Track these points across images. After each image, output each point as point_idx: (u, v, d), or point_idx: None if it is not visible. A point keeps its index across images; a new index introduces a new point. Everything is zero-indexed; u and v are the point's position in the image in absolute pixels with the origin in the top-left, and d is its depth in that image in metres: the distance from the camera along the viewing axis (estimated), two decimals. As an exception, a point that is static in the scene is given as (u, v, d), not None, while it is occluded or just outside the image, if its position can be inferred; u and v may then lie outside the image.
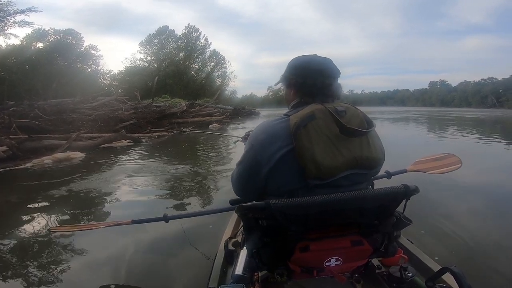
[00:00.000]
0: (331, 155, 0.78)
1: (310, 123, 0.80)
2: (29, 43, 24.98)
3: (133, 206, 3.12)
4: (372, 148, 0.84)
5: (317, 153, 0.78)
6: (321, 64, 0.92)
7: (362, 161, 0.82)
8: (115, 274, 1.77)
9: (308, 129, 0.80)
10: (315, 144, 0.78)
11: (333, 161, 0.78)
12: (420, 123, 17.34)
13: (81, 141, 6.88)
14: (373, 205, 0.80)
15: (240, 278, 0.75)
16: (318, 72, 0.90)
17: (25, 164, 5.11)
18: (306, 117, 0.81)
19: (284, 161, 0.83)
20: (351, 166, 0.81)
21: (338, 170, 0.80)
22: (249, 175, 0.93)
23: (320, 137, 0.79)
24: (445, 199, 2.92)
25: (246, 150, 0.94)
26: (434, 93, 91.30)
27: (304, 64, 0.94)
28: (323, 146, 0.79)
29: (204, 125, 13.77)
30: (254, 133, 0.93)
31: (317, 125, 0.80)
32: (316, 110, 0.83)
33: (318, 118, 0.81)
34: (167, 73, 40.39)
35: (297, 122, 0.81)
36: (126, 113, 10.64)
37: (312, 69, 0.91)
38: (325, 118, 0.82)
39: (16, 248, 2.14)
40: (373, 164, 0.85)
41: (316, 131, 0.80)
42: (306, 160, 0.78)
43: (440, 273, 0.85)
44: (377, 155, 0.85)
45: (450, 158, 1.78)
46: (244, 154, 0.95)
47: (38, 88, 15.86)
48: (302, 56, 0.97)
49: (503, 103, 61.81)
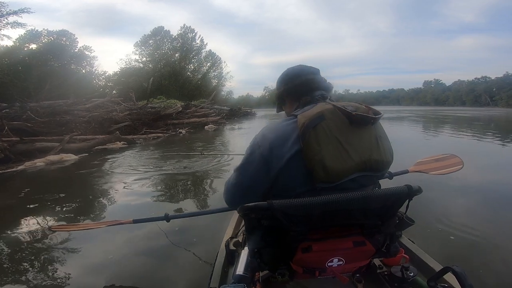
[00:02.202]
0: (340, 159, 0.77)
1: (319, 124, 0.78)
2: (22, 44, 24.68)
3: (132, 206, 3.10)
4: (381, 150, 0.83)
5: (326, 157, 0.76)
6: (297, 68, 1.03)
7: (371, 164, 0.81)
8: (116, 274, 1.77)
9: (317, 130, 0.77)
10: (324, 147, 0.76)
11: (342, 165, 0.77)
12: (416, 122, 17.48)
13: (74, 143, 6.78)
14: (376, 205, 0.79)
15: (241, 278, 0.76)
16: (301, 71, 1.00)
17: (18, 167, 5.03)
18: (315, 118, 0.79)
19: (292, 163, 0.80)
20: (360, 169, 0.79)
21: (346, 173, 0.78)
22: (253, 180, 0.88)
23: (329, 139, 0.77)
24: (446, 199, 2.92)
25: (249, 152, 0.89)
26: (428, 92, 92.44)
27: (287, 72, 1.03)
28: (332, 149, 0.77)
29: (200, 126, 13.73)
30: (261, 134, 0.89)
31: (327, 126, 0.78)
32: (325, 110, 0.81)
33: (327, 119, 0.79)
34: (163, 74, 40.20)
35: (305, 123, 0.78)
36: (120, 115, 10.55)
37: (296, 72, 1.01)
38: (335, 117, 0.80)
39: (16, 248, 2.14)
40: (381, 167, 0.84)
41: (325, 132, 0.77)
42: (314, 163, 0.76)
43: (441, 273, 0.84)
44: (386, 157, 0.84)
45: (451, 159, 1.78)
46: (247, 157, 0.90)
47: (31, 89, 15.69)
48: (284, 71, 1.07)
49: (497, 101, 62.78)
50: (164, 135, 10.25)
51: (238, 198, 0.94)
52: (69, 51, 28.11)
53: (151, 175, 4.33)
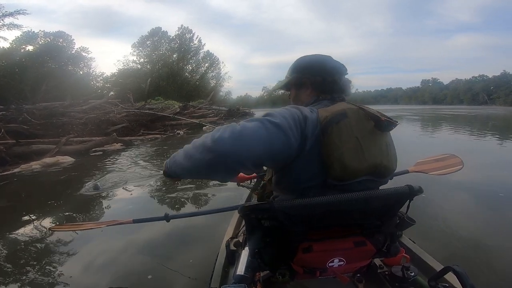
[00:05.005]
0: (356, 159, 0.76)
1: (342, 121, 0.76)
2: (18, 46, 24.61)
3: (132, 207, 3.10)
4: (389, 156, 0.83)
5: (345, 154, 0.74)
6: (333, 62, 0.95)
7: (380, 169, 0.80)
8: (115, 274, 1.78)
9: (340, 126, 0.76)
10: (345, 144, 0.75)
11: (357, 165, 0.76)
12: (415, 121, 17.52)
13: (71, 145, 6.74)
14: (377, 205, 0.79)
15: (241, 278, 0.75)
16: (334, 69, 0.93)
17: (13, 169, 5.00)
18: (339, 114, 0.77)
19: (310, 154, 0.75)
20: (369, 172, 0.79)
21: (359, 174, 0.77)
22: (271, 139, 0.68)
23: (350, 138, 0.76)
24: (445, 198, 2.93)
25: (284, 111, 0.74)
26: (426, 91, 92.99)
27: (319, 63, 0.95)
28: (351, 148, 0.75)
29: (198, 127, 13.70)
30: (283, 108, 0.77)
31: (349, 124, 0.77)
32: (348, 109, 0.79)
33: (350, 117, 0.78)
34: (161, 75, 40.23)
35: (328, 117, 0.76)
36: (118, 116, 10.52)
37: (329, 67, 0.93)
38: (356, 118, 0.79)
39: (15, 249, 2.14)
40: (387, 174, 0.84)
41: (347, 130, 0.76)
42: (333, 159, 0.74)
43: (442, 273, 0.84)
44: (392, 165, 0.84)
45: (451, 159, 1.78)
46: (280, 111, 0.74)
47: (27, 91, 15.62)
48: (309, 56, 0.98)
49: (494, 100, 63.20)
50: (161, 136, 10.23)
51: (230, 146, 0.66)
52: (66, 53, 28.07)
53: (150, 176, 4.32)
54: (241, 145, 0.66)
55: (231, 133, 0.67)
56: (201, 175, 0.77)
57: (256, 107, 41.02)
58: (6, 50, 22.03)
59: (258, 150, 0.68)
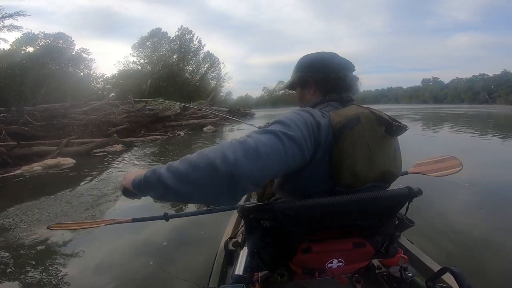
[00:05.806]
0: (367, 167, 0.74)
1: (356, 127, 0.73)
2: (18, 47, 24.66)
3: (131, 207, 3.09)
4: (396, 162, 0.83)
5: (357, 162, 0.72)
6: (338, 58, 0.91)
7: (387, 175, 0.80)
8: (114, 274, 1.77)
9: (354, 132, 0.73)
10: (357, 151, 0.72)
11: (367, 173, 0.75)
12: (416, 120, 17.48)
13: (72, 146, 6.76)
14: (376, 207, 0.78)
15: (240, 278, 0.74)
16: (340, 65, 0.89)
17: (15, 171, 5.01)
18: (353, 119, 0.74)
19: (319, 160, 0.71)
20: (377, 178, 0.78)
21: (368, 181, 0.76)
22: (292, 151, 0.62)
23: (362, 145, 0.73)
24: (444, 199, 2.92)
25: (296, 116, 0.69)
26: (427, 90, 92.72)
27: (321, 60, 0.91)
28: (362, 155, 0.73)
29: (199, 128, 13.71)
30: (294, 113, 0.71)
31: (362, 130, 0.74)
32: (360, 113, 0.76)
33: (363, 122, 0.75)
34: (161, 75, 40.19)
35: (342, 122, 0.73)
36: (118, 117, 10.52)
37: (332, 64, 0.89)
38: (369, 123, 0.76)
39: (14, 249, 2.14)
40: (393, 179, 0.84)
41: (360, 136, 0.74)
42: (344, 166, 0.72)
43: (440, 273, 0.84)
44: (398, 170, 0.84)
45: (451, 161, 1.77)
46: (292, 118, 0.67)
47: (27, 93, 15.64)
48: (313, 54, 0.94)
49: (495, 99, 63.02)
50: (162, 137, 10.24)
51: (248, 168, 0.57)
52: (66, 54, 28.12)
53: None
54: (261, 166, 0.57)
55: (245, 151, 0.57)
56: (193, 200, 0.63)
57: (256, 107, 41.02)
58: (7, 52, 22.04)
59: (277, 170, 0.62)
